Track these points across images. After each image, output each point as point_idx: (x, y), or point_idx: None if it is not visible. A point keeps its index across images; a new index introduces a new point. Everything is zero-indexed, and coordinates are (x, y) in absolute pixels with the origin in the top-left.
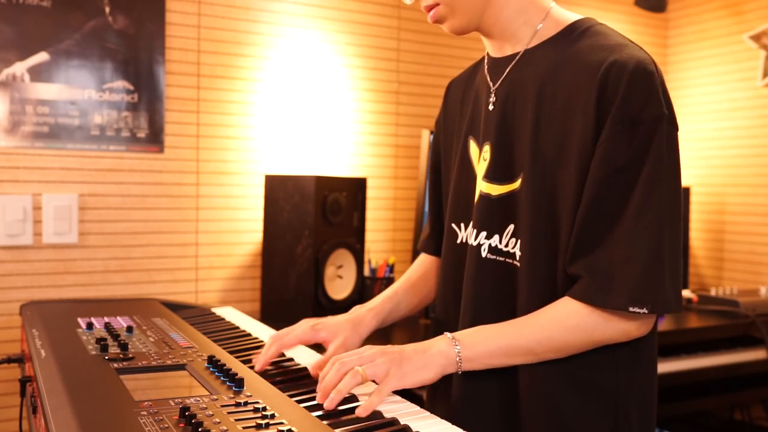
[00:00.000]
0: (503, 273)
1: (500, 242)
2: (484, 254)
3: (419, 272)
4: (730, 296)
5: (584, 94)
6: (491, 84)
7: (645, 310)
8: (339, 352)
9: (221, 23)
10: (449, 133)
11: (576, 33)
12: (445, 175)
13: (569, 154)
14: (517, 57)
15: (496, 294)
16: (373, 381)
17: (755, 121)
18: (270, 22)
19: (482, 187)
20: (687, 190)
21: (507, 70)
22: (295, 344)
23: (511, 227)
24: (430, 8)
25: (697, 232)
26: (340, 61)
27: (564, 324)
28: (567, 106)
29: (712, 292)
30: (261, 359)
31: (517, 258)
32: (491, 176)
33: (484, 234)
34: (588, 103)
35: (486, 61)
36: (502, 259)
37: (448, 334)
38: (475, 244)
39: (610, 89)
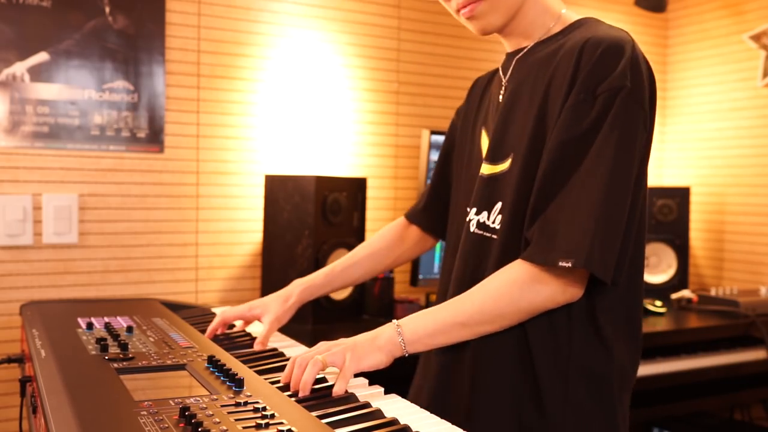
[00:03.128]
0: (482, 246)
1: (488, 218)
2: (472, 229)
3: (383, 242)
4: (730, 296)
5: (564, 74)
6: (503, 78)
7: (569, 264)
8: (274, 326)
9: (221, 23)
10: (467, 122)
11: (574, 28)
12: (457, 161)
13: (550, 134)
14: (525, 50)
15: (474, 268)
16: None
17: (755, 121)
18: (270, 22)
19: (482, 168)
20: (687, 190)
21: (514, 62)
22: (234, 320)
23: (499, 205)
24: (468, 3)
25: (697, 232)
26: (340, 61)
27: (492, 295)
28: (553, 89)
29: (712, 292)
30: (209, 329)
31: (497, 232)
32: (489, 157)
33: (474, 210)
34: (565, 82)
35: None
36: (488, 234)
37: (394, 322)
38: (467, 220)
39: (583, 64)
